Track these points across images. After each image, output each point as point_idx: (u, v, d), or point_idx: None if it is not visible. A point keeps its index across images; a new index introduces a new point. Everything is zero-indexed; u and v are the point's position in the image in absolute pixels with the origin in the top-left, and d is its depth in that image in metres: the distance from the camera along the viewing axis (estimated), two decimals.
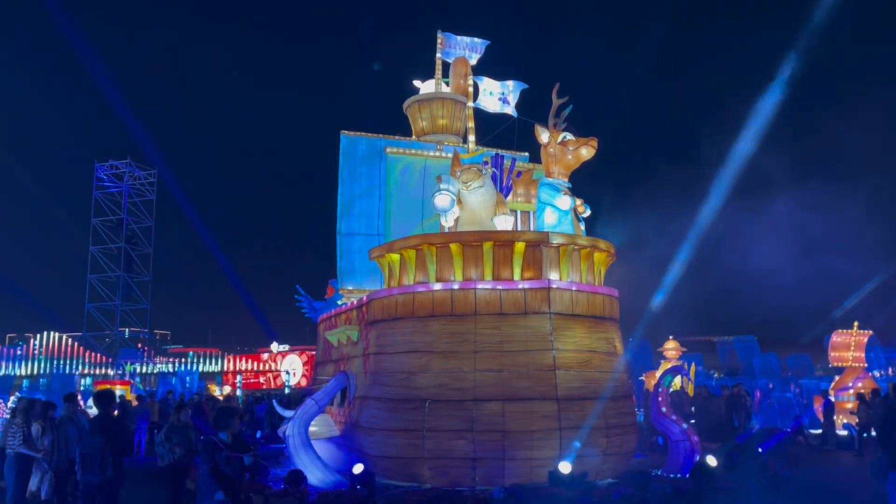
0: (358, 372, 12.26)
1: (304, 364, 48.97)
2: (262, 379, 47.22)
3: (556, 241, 11.23)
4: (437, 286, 11.13)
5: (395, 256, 11.96)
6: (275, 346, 50.31)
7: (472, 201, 11.71)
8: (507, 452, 10.14)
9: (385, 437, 10.82)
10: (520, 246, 11.09)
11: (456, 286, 11.03)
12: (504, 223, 11.87)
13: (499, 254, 11.18)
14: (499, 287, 10.97)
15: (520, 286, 10.96)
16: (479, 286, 10.94)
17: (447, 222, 11.71)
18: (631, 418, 11.84)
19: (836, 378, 20.50)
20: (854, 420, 17.27)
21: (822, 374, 29.94)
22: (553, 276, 11.21)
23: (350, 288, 15.07)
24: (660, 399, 12.60)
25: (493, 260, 11.14)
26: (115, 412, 6.39)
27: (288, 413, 17.43)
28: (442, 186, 11.22)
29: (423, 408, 10.55)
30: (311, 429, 11.53)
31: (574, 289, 11.24)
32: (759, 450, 11.13)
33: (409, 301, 11.33)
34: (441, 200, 11.26)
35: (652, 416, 12.81)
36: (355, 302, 13.53)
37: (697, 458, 11.17)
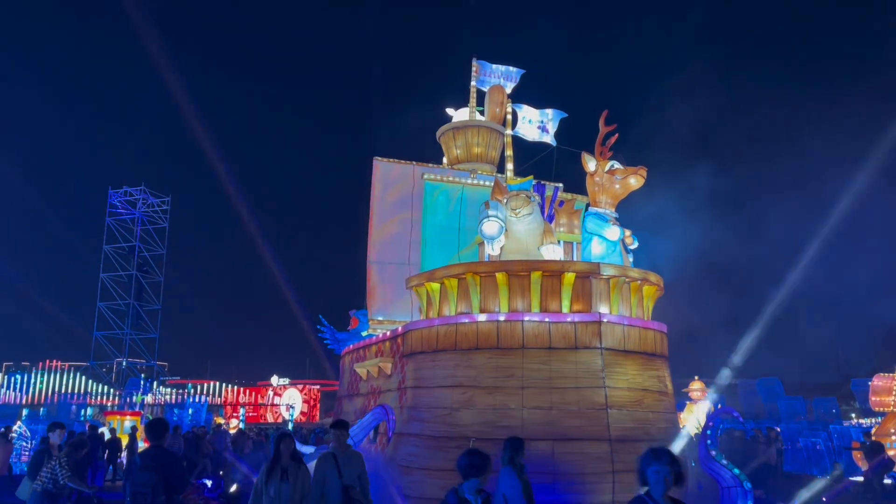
0: (393, 406, 11.65)
1: (304, 398, 48.22)
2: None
3: (606, 272, 10.72)
4: (482, 317, 10.59)
5: (436, 286, 11.44)
6: (275, 380, 49.53)
7: (519, 229, 11.24)
8: (557, 496, 9.48)
9: (424, 477, 10.16)
10: (569, 277, 10.58)
11: (502, 318, 10.48)
12: (552, 253, 11.37)
13: (547, 284, 10.67)
14: (547, 319, 10.42)
15: (569, 319, 10.41)
16: (527, 318, 10.40)
17: (493, 250, 11.22)
18: (683, 462, 11.18)
19: (876, 424, 19.74)
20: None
21: (854, 419, 29.05)
22: (603, 309, 10.68)
23: (380, 318, 14.55)
24: (709, 442, 11.95)
25: (540, 291, 10.62)
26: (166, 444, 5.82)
27: (307, 449, 16.80)
28: (490, 213, 10.76)
29: (467, 446, 9.90)
30: None
31: (626, 323, 10.68)
32: (823, 499, 10.42)
33: (451, 332, 10.78)
34: (490, 227, 10.79)
35: (700, 459, 12.14)
36: (388, 333, 12.98)
37: None
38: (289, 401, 47.83)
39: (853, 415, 35.46)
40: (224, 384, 50.51)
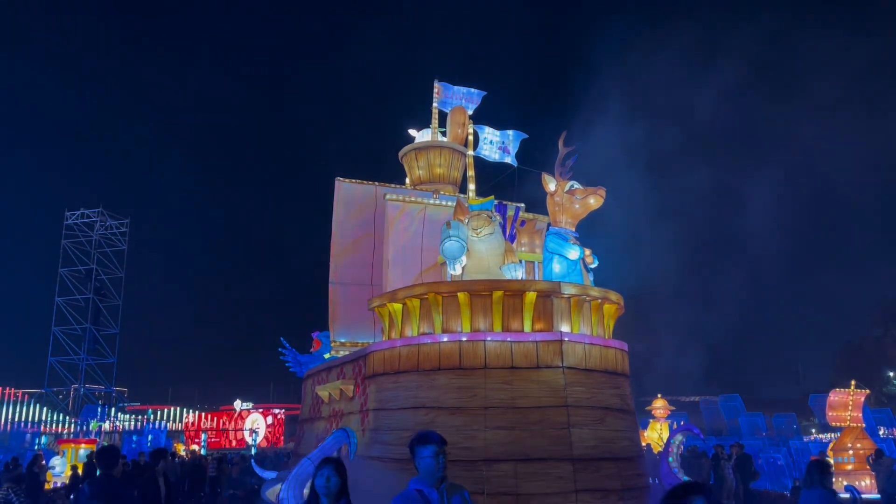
0: (356, 429, 11.50)
1: (268, 423, 47.47)
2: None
3: (567, 291, 10.78)
4: (445, 338, 10.55)
5: (398, 306, 11.38)
6: (238, 404, 48.74)
7: (480, 249, 11.26)
8: None
9: (386, 501, 10.02)
10: (530, 296, 10.61)
11: (464, 338, 10.46)
12: (513, 272, 11.41)
13: (508, 304, 10.68)
14: (509, 339, 10.42)
15: (531, 338, 10.42)
16: (489, 338, 10.39)
17: (455, 271, 11.22)
18: (644, 480, 11.23)
19: (834, 439, 20.15)
20: (856, 481, 16.83)
21: (814, 434, 29.57)
22: (564, 328, 10.72)
23: (342, 340, 14.39)
24: (670, 459, 12.05)
25: (502, 310, 10.63)
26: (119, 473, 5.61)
27: (268, 474, 16.48)
28: (451, 233, 10.77)
29: None
30: (304, 491, 10.70)
31: (587, 342, 10.74)
32: None
33: (413, 353, 10.71)
34: (451, 247, 10.79)
35: (661, 476, 12.23)
36: (350, 355, 12.85)
37: None
38: (252, 425, 47.00)
39: (813, 430, 36.17)
40: (186, 409, 49.46)
